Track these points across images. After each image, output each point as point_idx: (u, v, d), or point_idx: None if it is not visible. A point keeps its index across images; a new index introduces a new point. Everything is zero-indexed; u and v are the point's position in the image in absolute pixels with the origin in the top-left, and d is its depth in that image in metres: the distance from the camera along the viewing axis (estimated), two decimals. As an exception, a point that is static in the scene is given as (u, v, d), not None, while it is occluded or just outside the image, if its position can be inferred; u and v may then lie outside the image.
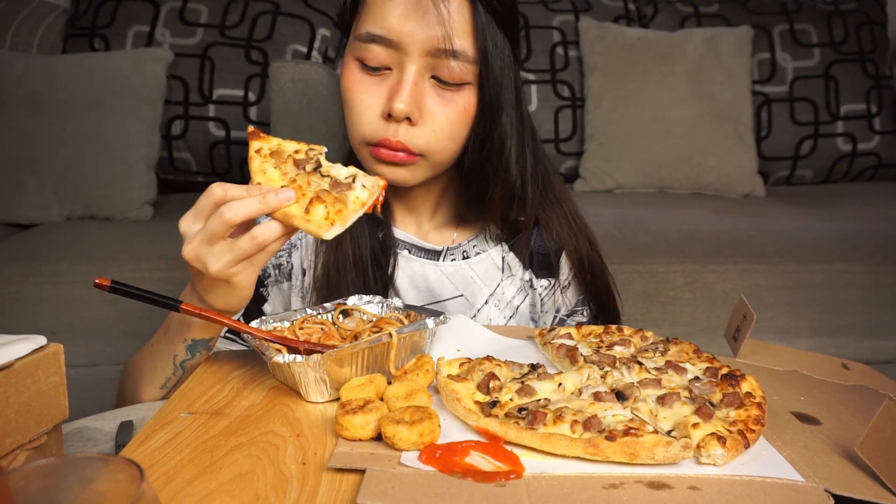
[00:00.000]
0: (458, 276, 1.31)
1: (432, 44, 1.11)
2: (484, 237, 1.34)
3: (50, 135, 2.55)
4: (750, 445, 0.77)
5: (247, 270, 0.93)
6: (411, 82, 1.13)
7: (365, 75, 1.16)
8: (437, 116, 1.15)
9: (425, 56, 1.12)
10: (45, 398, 0.75)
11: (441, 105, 1.15)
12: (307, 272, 1.28)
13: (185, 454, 0.76)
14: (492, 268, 1.32)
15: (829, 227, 2.41)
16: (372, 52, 1.14)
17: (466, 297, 1.30)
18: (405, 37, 1.11)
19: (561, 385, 0.86)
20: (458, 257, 1.32)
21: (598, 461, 0.73)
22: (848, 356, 1.26)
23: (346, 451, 0.75)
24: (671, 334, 1.06)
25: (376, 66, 1.14)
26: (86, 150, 2.54)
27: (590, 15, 3.09)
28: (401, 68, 1.13)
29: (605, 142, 2.90)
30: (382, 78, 1.15)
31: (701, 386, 0.85)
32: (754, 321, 1.05)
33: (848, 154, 3.11)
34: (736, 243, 2.28)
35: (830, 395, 0.96)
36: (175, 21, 2.90)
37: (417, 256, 1.30)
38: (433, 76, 1.14)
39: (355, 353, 0.90)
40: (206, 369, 0.99)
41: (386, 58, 1.14)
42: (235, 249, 0.90)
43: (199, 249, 0.91)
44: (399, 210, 1.33)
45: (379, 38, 1.12)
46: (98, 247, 2.29)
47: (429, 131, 1.15)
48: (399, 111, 1.12)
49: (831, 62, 3.11)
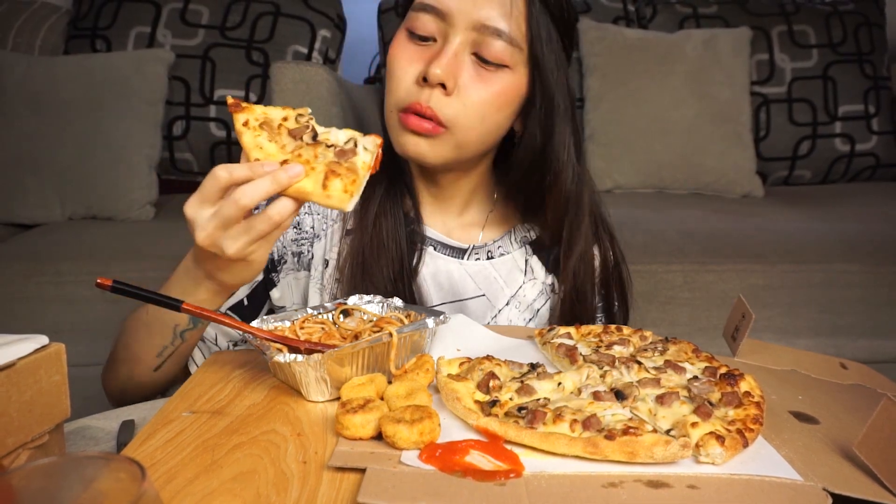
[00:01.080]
0: (482, 276, 1.30)
1: (479, 19, 1.13)
2: (509, 238, 1.34)
3: (51, 135, 2.55)
4: (748, 444, 0.76)
5: (262, 248, 0.95)
6: (452, 52, 1.14)
7: (411, 44, 1.18)
8: (470, 91, 1.15)
9: (471, 30, 1.14)
10: (47, 397, 0.75)
11: (477, 81, 1.16)
12: (329, 263, 1.26)
13: (186, 453, 0.76)
14: (514, 269, 1.32)
15: (828, 227, 2.41)
16: (421, 20, 1.16)
17: (488, 296, 1.30)
18: (454, 8, 1.14)
19: (560, 384, 0.86)
20: (482, 257, 1.31)
21: (597, 460, 0.73)
22: (846, 356, 1.26)
23: (346, 451, 0.75)
24: (670, 334, 1.06)
25: (424, 34, 1.16)
26: (87, 150, 2.55)
27: (589, 16, 3.09)
28: (445, 39, 1.15)
29: (605, 142, 2.90)
30: (427, 48, 1.17)
31: (700, 385, 0.85)
32: (753, 321, 1.05)
33: (846, 154, 3.11)
34: (735, 243, 2.28)
35: (829, 395, 0.96)
36: (176, 22, 2.90)
37: (442, 253, 1.30)
38: (475, 52, 1.16)
39: (356, 353, 0.90)
40: (207, 369, 0.99)
41: (433, 28, 1.16)
42: (252, 231, 0.91)
43: (214, 235, 0.92)
44: (427, 204, 1.32)
45: (430, 7, 1.15)
46: (100, 247, 2.29)
47: (460, 103, 1.15)
48: (434, 75, 1.13)
49: (830, 63, 3.11)
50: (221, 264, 0.97)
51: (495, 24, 1.14)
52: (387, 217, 1.24)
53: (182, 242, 0.93)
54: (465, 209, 1.34)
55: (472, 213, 1.34)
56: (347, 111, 2.18)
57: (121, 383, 1.17)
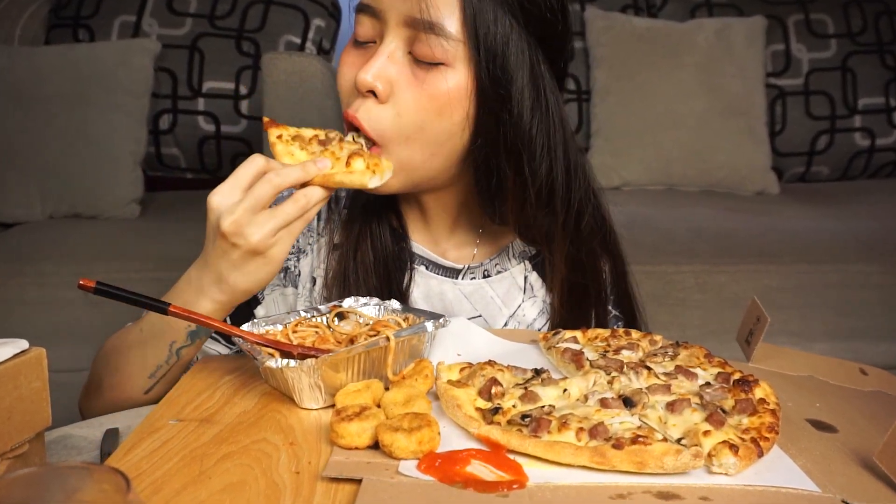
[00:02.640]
0: (478, 296, 1.26)
1: (410, 12, 1.05)
2: (507, 255, 1.29)
3: (33, 130, 2.55)
4: (763, 454, 0.76)
5: (284, 240, 0.97)
6: (385, 53, 1.07)
7: (353, 49, 1.13)
8: (404, 95, 1.08)
9: (403, 27, 1.07)
10: (27, 405, 0.75)
11: (411, 84, 1.08)
12: (317, 281, 1.24)
13: (173, 463, 0.76)
14: (513, 287, 1.28)
15: (846, 226, 2.41)
16: (360, 22, 1.11)
17: (485, 317, 1.26)
18: (385, 4, 1.07)
19: (566, 391, 0.86)
20: (478, 276, 1.27)
21: (604, 470, 0.73)
22: (865, 360, 1.25)
23: (341, 460, 0.75)
24: (681, 338, 1.06)
25: (364, 39, 1.11)
26: (70, 145, 2.55)
27: (596, 4, 3.09)
28: (380, 40, 1.09)
29: (612, 137, 2.90)
30: (366, 51, 1.11)
31: (712, 392, 0.85)
32: (768, 324, 1.05)
33: (866, 149, 3.11)
34: (748, 243, 2.28)
35: (847, 402, 0.96)
36: (163, 10, 2.90)
37: (434, 273, 1.26)
38: (410, 52, 1.08)
39: (351, 358, 0.89)
40: (195, 374, 0.99)
41: (371, 30, 1.10)
42: (279, 214, 0.95)
43: (241, 220, 0.94)
44: (413, 223, 1.28)
45: (364, 6, 1.10)
46: (83, 246, 2.29)
47: (394, 112, 1.08)
48: (361, 81, 1.06)
49: (849, 53, 3.11)
50: (237, 261, 0.97)
51: (426, 17, 1.05)
52: (372, 237, 1.22)
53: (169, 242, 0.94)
54: (455, 228, 1.27)
55: (463, 232, 1.28)
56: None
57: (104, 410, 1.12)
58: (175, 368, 1.09)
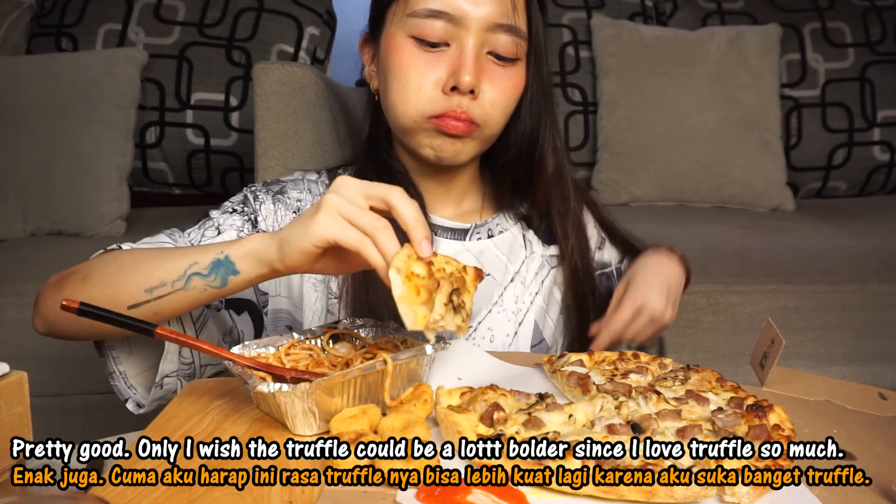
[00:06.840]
0: (485, 255, 1.41)
1: (491, 18, 1.25)
2: (504, 215, 1.47)
3: (13, 143, 2.55)
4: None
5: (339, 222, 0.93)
6: (474, 56, 1.25)
7: (422, 52, 1.27)
8: (495, 90, 1.28)
9: (483, 31, 1.25)
10: (8, 430, 0.75)
11: (498, 79, 1.28)
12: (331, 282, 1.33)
13: (160, 492, 0.76)
14: (515, 245, 1.44)
15: (865, 244, 2.41)
16: (431, 27, 1.25)
17: (493, 275, 1.39)
18: (465, 11, 1.24)
19: (571, 416, 0.86)
20: (483, 235, 1.43)
21: (611, 500, 0.74)
22: (885, 385, 1.26)
23: (336, 490, 0.76)
24: (692, 361, 1.06)
25: (436, 41, 1.26)
26: (52, 159, 2.55)
27: (603, 12, 3.10)
28: (459, 43, 1.26)
29: (620, 151, 2.91)
30: (440, 54, 1.26)
31: (725, 418, 0.86)
32: (783, 347, 1.06)
33: (885, 164, 3.11)
34: (763, 262, 2.28)
35: (866, 428, 0.96)
36: (150, 19, 2.91)
37: (444, 237, 1.40)
38: (489, 51, 1.27)
39: (347, 382, 0.90)
40: (184, 399, 0.99)
41: (444, 33, 1.25)
42: (365, 217, 0.92)
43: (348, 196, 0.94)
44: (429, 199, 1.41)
45: (439, 13, 1.24)
46: (66, 265, 2.28)
47: (487, 104, 1.28)
48: (466, 84, 1.23)
49: (867, 63, 3.12)
50: (297, 220, 0.96)
51: (507, 21, 1.26)
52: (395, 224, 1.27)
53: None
54: (464, 197, 1.45)
55: (470, 201, 1.46)
56: (337, 116, 2.19)
57: (71, 300, 0.99)
58: (170, 301, 1.05)
